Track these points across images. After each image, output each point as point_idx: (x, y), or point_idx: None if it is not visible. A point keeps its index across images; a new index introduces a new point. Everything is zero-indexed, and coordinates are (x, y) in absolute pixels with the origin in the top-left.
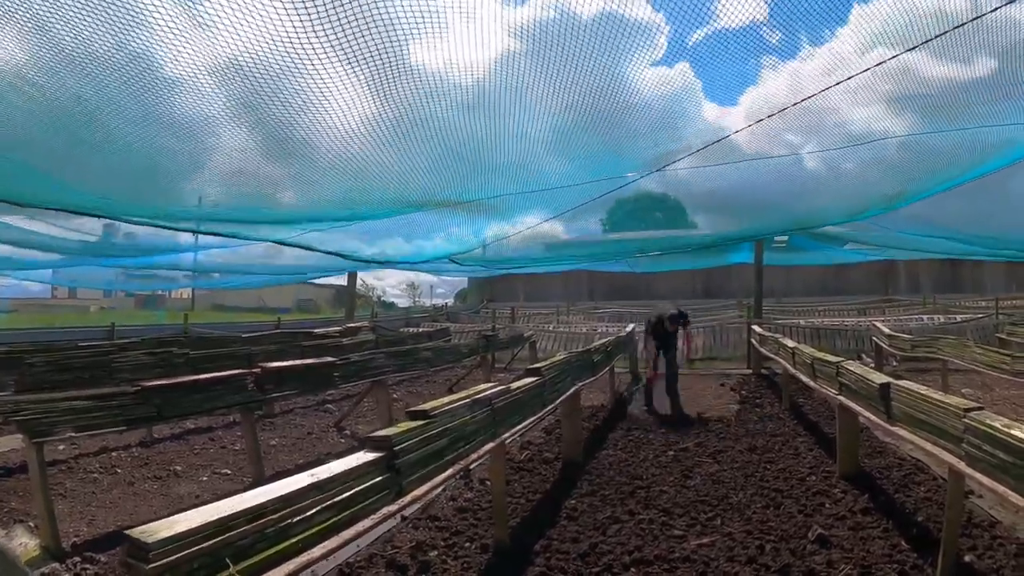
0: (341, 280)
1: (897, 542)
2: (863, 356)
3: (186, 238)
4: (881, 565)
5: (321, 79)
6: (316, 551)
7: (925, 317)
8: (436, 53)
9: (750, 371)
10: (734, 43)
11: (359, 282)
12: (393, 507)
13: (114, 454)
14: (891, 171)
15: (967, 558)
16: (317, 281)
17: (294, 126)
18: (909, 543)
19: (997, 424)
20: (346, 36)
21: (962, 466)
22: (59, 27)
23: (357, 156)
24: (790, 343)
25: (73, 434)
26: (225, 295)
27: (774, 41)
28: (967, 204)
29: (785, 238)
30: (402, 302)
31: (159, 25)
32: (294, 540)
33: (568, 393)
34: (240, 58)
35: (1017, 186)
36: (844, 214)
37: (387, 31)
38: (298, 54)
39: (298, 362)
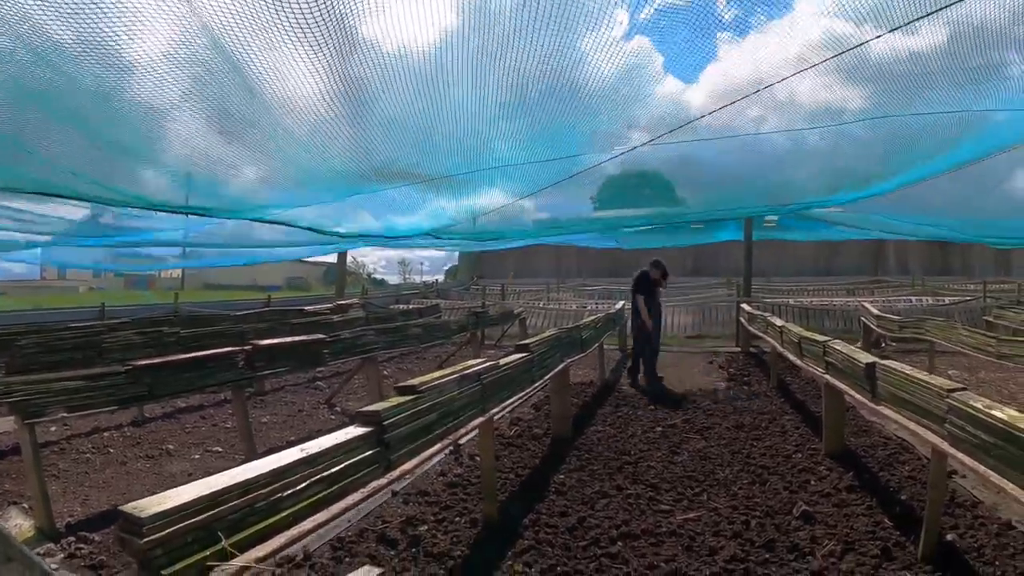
0: (331, 258)
1: (881, 519)
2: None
3: (165, 216)
4: (864, 542)
5: (276, 54)
6: (306, 524)
7: (914, 299)
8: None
9: (738, 349)
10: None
11: (349, 260)
12: (383, 481)
13: (106, 434)
14: (868, 150)
15: (949, 536)
16: (307, 259)
17: (250, 101)
18: (892, 521)
19: (979, 405)
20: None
21: (945, 446)
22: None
23: (323, 130)
24: (778, 322)
25: (65, 414)
26: (215, 273)
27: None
28: (952, 188)
29: (775, 218)
30: (392, 279)
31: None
32: (285, 514)
33: (557, 369)
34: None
35: (996, 173)
36: (825, 190)
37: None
38: (251, 29)
39: (289, 339)
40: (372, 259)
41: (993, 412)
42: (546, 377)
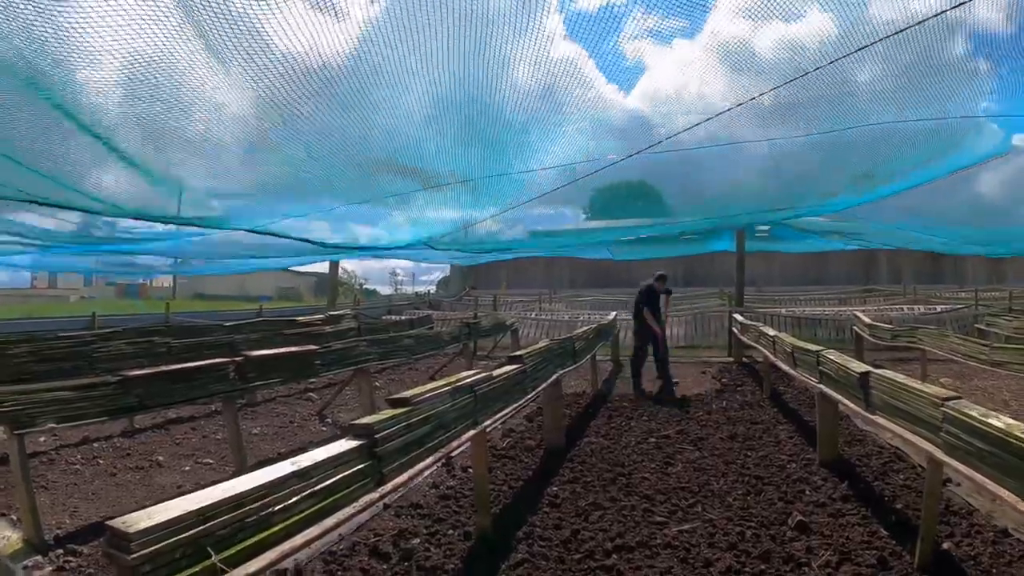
0: (323, 268)
1: (876, 529)
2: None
3: (162, 227)
4: (860, 551)
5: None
6: (298, 539)
7: (906, 307)
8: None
9: (731, 359)
10: None
11: (341, 270)
12: (375, 495)
13: (96, 445)
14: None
15: (945, 545)
16: (299, 269)
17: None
18: (888, 530)
19: (974, 413)
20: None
21: (940, 454)
22: None
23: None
24: (771, 332)
25: (55, 425)
26: (207, 283)
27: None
28: (940, 200)
29: (767, 227)
30: (384, 290)
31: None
32: (276, 528)
33: (549, 381)
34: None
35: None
36: (817, 196)
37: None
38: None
39: (280, 350)
40: (363, 268)
41: (989, 421)
42: (539, 388)
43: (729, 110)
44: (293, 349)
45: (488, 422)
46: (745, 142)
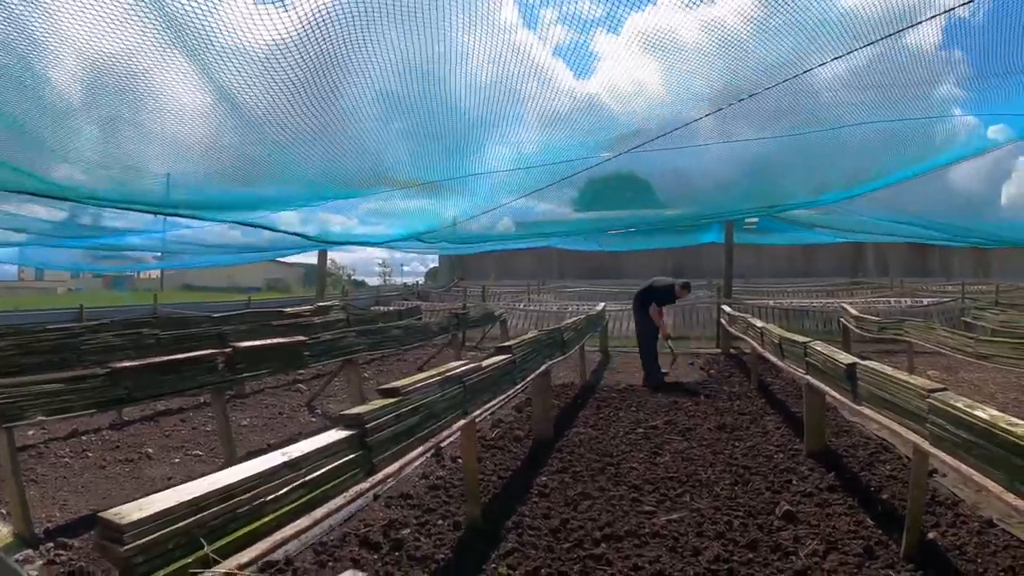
0: (311, 258)
1: (863, 519)
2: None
3: (149, 218)
4: (847, 541)
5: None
6: (289, 530)
7: (893, 300)
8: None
9: (719, 350)
10: None
11: (329, 261)
12: (365, 485)
13: (84, 438)
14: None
15: (931, 535)
16: (287, 260)
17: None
18: (875, 520)
19: (960, 404)
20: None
21: (926, 445)
22: None
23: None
24: (759, 323)
25: (43, 418)
26: (194, 274)
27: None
28: (930, 191)
29: (755, 220)
30: (373, 281)
31: None
32: (267, 519)
33: (538, 371)
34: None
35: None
36: (808, 191)
37: None
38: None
39: (269, 341)
40: (352, 259)
41: (975, 412)
42: (528, 379)
43: (728, 106)
44: (282, 340)
45: (477, 412)
46: (744, 140)
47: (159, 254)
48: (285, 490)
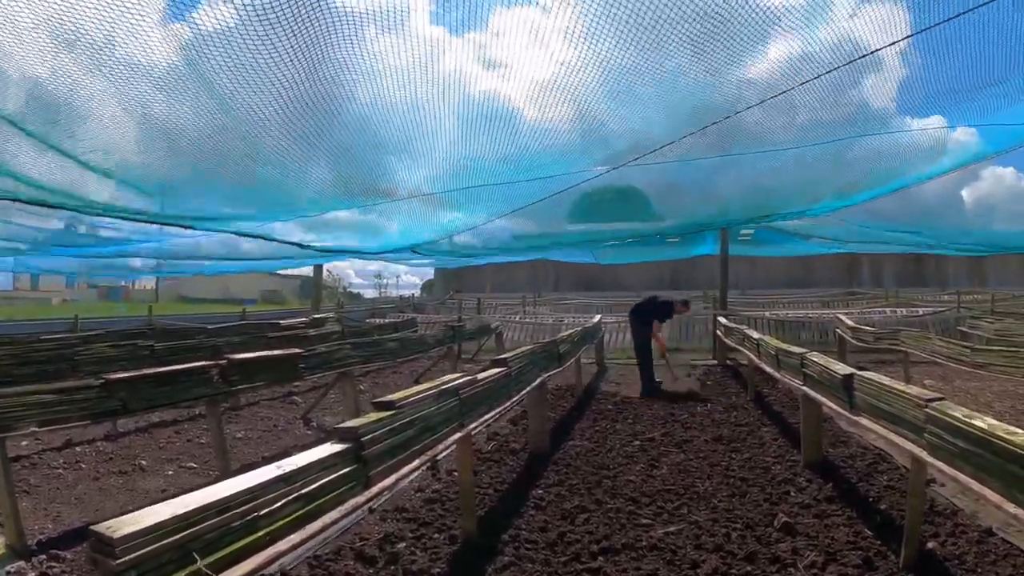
0: (307, 271)
1: (861, 529)
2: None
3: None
4: (846, 552)
5: None
6: (283, 544)
7: (888, 310)
8: None
9: (715, 362)
10: None
11: (325, 273)
12: (361, 499)
13: (78, 449)
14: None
15: (930, 545)
16: (283, 272)
17: None
18: (873, 530)
19: (958, 414)
20: None
21: (924, 455)
22: None
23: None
24: (755, 334)
25: (37, 429)
26: (190, 285)
27: None
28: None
29: (750, 231)
30: (368, 293)
31: None
32: (262, 533)
33: (534, 384)
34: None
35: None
36: (803, 202)
37: None
38: None
39: (264, 353)
40: (354, 272)
41: (973, 421)
42: (523, 392)
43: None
44: (277, 352)
45: (473, 425)
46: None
47: (154, 263)
48: (280, 504)
